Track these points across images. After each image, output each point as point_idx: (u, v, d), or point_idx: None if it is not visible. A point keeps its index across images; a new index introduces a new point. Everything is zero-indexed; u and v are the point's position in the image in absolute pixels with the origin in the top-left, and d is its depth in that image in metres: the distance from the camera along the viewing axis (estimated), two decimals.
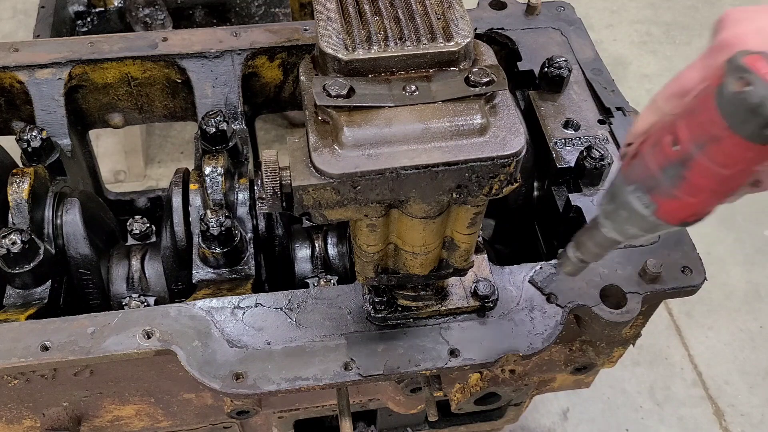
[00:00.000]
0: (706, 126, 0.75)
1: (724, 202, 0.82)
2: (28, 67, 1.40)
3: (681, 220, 0.83)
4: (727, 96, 0.72)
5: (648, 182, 0.82)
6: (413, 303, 1.10)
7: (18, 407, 1.20)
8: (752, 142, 0.73)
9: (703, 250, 1.22)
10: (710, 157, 0.76)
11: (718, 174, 0.77)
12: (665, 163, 0.79)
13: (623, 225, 0.87)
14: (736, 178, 0.78)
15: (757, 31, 0.81)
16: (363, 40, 0.85)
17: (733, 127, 0.73)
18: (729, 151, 0.74)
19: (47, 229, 1.27)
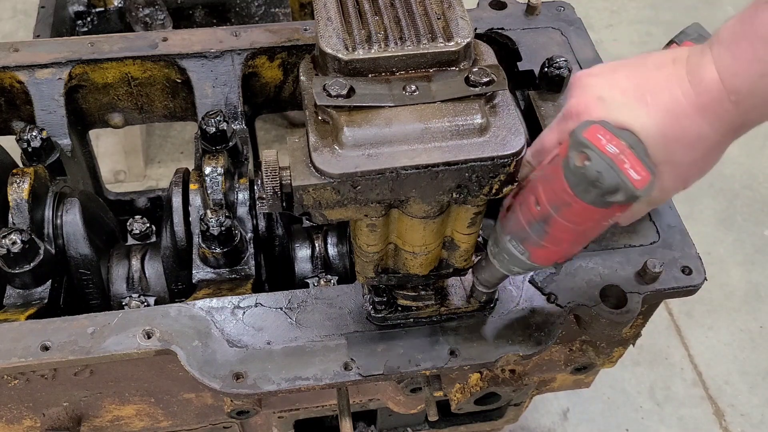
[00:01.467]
0: (558, 193, 0.85)
1: (587, 245, 0.95)
2: (28, 67, 1.40)
3: (552, 261, 0.95)
4: (571, 169, 0.82)
5: (520, 234, 0.92)
6: (413, 303, 1.10)
7: (18, 407, 1.20)
8: (596, 207, 0.83)
9: (703, 250, 1.22)
10: (564, 218, 0.86)
11: (573, 230, 0.88)
12: (531, 219, 0.90)
13: (507, 265, 0.98)
14: (589, 230, 0.89)
15: (598, 99, 0.88)
16: (363, 40, 0.85)
17: (578, 195, 0.83)
18: (578, 213, 0.85)
19: (47, 229, 1.27)
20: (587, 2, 3.52)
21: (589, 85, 0.89)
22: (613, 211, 0.84)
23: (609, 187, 0.80)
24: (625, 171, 0.81)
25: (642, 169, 0.83)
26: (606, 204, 0.82)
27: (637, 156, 0.83)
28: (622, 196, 0.81)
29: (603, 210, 0.84)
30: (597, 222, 0.87)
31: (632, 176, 0.82)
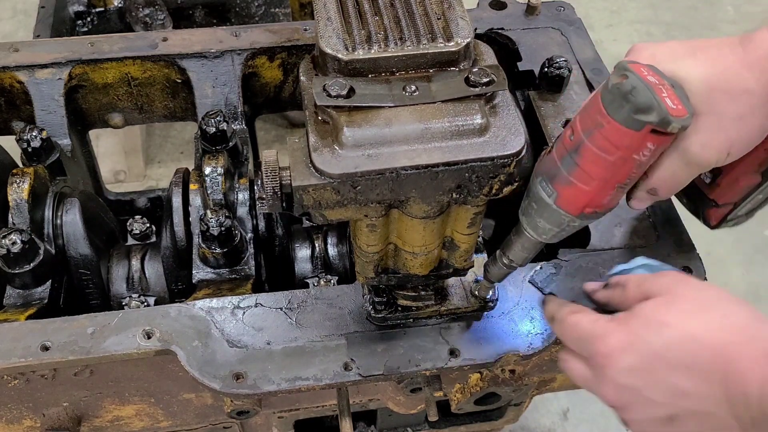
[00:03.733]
0: (593, 115, 0.84)
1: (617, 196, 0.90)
2: (28, 67, 1.40)
3: (579, 209, 0.90)
4: (608, 88, 0.82)
5: (551, 172, 0.89)
6: (413, 303, 1.10)
7: (18, 407, 1.20)
8: (626, 127, 0.81)
9: (703, 250, 1.22)
10: (595, 143, 0.84)
11: (603, 160, 0.85)
12: (563, 152, 0.88)
13: (534, 218, 0.94)
14: (619, 166, 0.85)
15: (650, 55, 0.90)
16: (363, 40, 0.85)
17: (611, 114, 0.81)
18: (609, 137, 0.83)
19: (47, 229, 1.27)
20: (587, 2, 3.52)
21: (643, 48, 0.91)
22: (645, 140, 0.82)
23: (642, 104, 0.79)
24: (662, 98, 0.80)
25: (679, 103, 0.82)
26: (638, 125, 0.80)
27: (676, 93, 0.83)
28: (656, 118, 0.79)
29: (634, 134, 0.81)
30: (626, 152, 0.83)
31: (668, 104, 0.81)
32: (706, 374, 0.79)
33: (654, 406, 0.82)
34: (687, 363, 0.79)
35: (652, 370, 0.81)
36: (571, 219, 0.92)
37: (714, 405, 0.78)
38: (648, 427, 0.84)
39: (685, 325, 0.82)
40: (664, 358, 0.81)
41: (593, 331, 0.88)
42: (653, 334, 0.82)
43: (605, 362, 0.84)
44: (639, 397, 0.82)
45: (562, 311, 0.96)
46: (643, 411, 0.83)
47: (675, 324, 0.82)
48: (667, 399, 0.81)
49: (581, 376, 0.92)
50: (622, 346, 0.83)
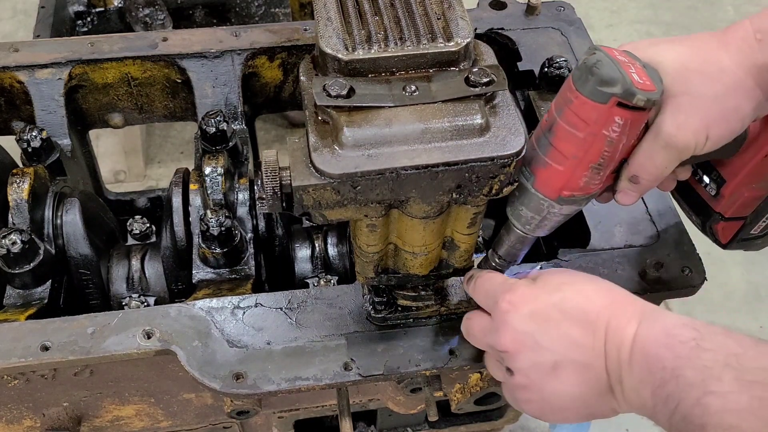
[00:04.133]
0: (564, 93, 0.87)
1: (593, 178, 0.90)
2: (28, 67, 1.40)
3: (556, 191, 0.91)
4: (577, 66, 0.85)
5: (529, 155, 0.91)
6: (413, 303, 1.10)
7: (18, 407, 1.20)
8: (592, 101, 0.83)
9: (703, 250, 1.22)
10: (566, 120, 0.86)
11: (574, 137, 0.86)
12: (539, 133, 0.90)
13: (517, 207, 0.96)
14: (590, 143, 0.86)
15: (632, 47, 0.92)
16: (363, 40, 0.85)
17: (578, 88, 0.84)
18: (577, 111, 0.85)
19: (47, 229, 1.27)
20: (587, 2, 3.52)
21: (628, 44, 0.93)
22: (612, 113, 0.83)
23: (606, 76, 0.81)
24: (629, 72, 0.82)
25: (648, 79, 0.84)
26: (603, 97, 0.82)
27: (647, 72, 0.85)
28: (620, 89, 0.81)
29: (601, 107, 0.82)
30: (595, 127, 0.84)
31: (634, 78, 0.82)
32: (592, 327, 0.87)
33: (543, 352, 0.88)
34: (578, 316, 0.88)
35: (548, 318, 0.89)
36: (550, 204, 0.93)
37: (594, 357, 0.86)
38: (532, 375, 0.90)
39: (580, 285, 0.92)
40: (561, 309, 0.89)
41: (504, 285, 0.96)
42: (554, 290, 0.91)
43: (510, 308, 0.91)
44: (532, 342, 0.89)
45: (479, 272, 1.04)
46: (532, 356, 0.89)
47: (571, 284, 0.92)
48: (556, 346, 0.88)
49: (480, 328, 0.99)
50: (527, 296, 0.91)
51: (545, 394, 0.91)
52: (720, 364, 0.75)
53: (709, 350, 0.77)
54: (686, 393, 0.76)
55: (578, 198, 0.92)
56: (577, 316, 0.88)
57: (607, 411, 0.90)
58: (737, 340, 0.78)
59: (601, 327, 0.87)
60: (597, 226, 1.24)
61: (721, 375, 0.74)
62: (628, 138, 0.87)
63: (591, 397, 0.88)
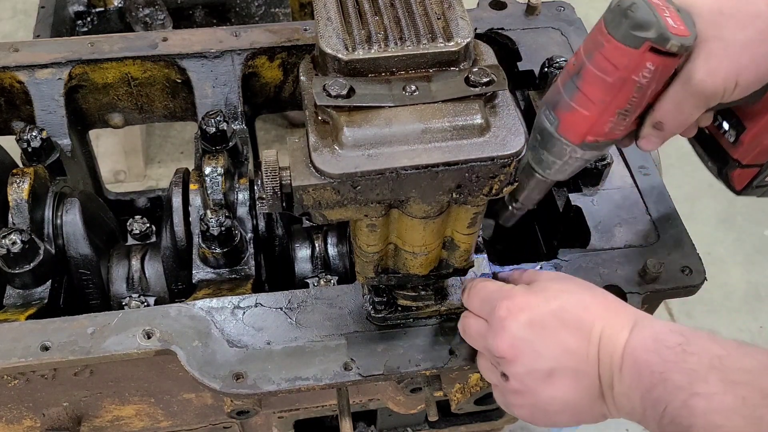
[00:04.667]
0: (595, 36, 0.85)
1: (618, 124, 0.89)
2: (28, 67, 1.40)
3: (580, 136, 0.90)
4: (610, 8, 0.83)
5: (554, 99, 0.91)
6: (413, 303, 1.10)
7: (18, 407, 1.20)
8: (625, 45, 0.81)
9: (703, 250, 1.22)
10: (595, 64, 0.85)
11: (603, 81, 0.85)
12: (566, 78, 0.89)
13: (539, 151, 0.95)
14: (619, 88, 0.85)
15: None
16: (363, 40, 0.85)
17: (610, 32, 0.82)
18: (608, 56, 0.83)
19: (47, 229, 1.27)
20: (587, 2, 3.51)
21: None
22: (644, 59, 0.81)
23: (640, 19, 0.79)
24: (663, 17, 0.80)
25: (682, 24, 0.81)
26: (636, 41, 0.80)
27: (681, 16, 0.83)
28: (654, 34, 0.79)
29: (633, 52, 0.81)
30: (625, 72, 0.83)
31: (669, 22, 0.80)
32: (587, 335, 0.88)
33: (540, 359, 0.89)
34: (575, 324, 0.89)
35: (546, 326, 0.90)
36: (573, 149, 0.92)
37: (588, 364, 0.88)
38: (527, 381, 0.91)
39: (578, 294, 0.93)
40: (558, 317, 0.90)
41: (500, 292, 0.97)
42: (551, 297, 0.92)
43: (507, 315, 0.92)
44: (529, 348, 0.90)
45: (474, 281, 1.05)
46: (529, 362, 0.90)
47: (569, 292, 0.93)
48: (552, 354, 0.89)
49: (476, 330, 0.99)
50: (525, 303, 0.92)
51: (539, 400, 0.92)
52: (705, 366, 0.77)
53: (695, 354, 0.79)
54: (673, 396, 0.77)
55: (602, 143, 0.91)
56: (574, 324, 0.90)
57: (598, 416, 0.92)
58: (721, 343, 0.80)
59: (595, 335, 0.89)
60: (597, 226, 1.24)
61: (707, 377, 0.76)
62: (657, 84, 0.86)
63: (583, 403, 0.90)
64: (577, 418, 0.93)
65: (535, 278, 1.01)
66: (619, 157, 1.34)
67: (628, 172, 1.33)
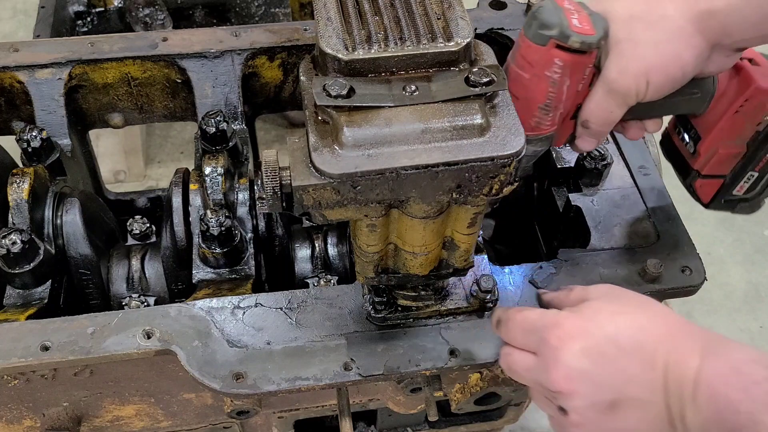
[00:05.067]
0: (517, 40, 0.94)
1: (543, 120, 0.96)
2: (28, 67, 1.40)
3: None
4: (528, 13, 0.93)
5: None
6: (413, 303, 1.10)
7: (18, 407, 1.20)
8: (535, 43, 0.90)
9: (703, 250, 1.22)
10: (515, 63, 0.94)
11: (521, 78, 0.93)
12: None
13: None
14: (535, 84, 0.93)
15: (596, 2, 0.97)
16: (363, 40, 0.85)
17: (525, 33, 0.92)
18: (523, 54, 0.92)
19: (47, 229, 1.27)
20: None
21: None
22: (552, 55, 0.89)
23: (545, 20, 0.89)
24: (569, 17, 0.89)
25: (588, 24, 0.90)
26: (543, 39, 0.89)
27: (590, 18, 0.91)
28: (557, 32, 0.88)
29: (541, 49, 0.90)
30: (539, 68, 0.91)
31: (573, 22, 0.89)
32: (651, 361, 0.82)
33: (601, 390, 0.83)
34: (635, 349, 0.83)
35: (603, 353, 0.83)
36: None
37: (654, 393, 0.81)
38: (589, 414, 0.84)
39: (634, 315, 0.86)
40: (616, 342, 0.83)
41: (544, 320, 0.90)
42: (606, 321, 0.85)
43: (559, 345, 0.85)
44: (588, 380, 0.83)
45: (508, 312, 0.98)
46: (589, 395, 0.83)
47: (623, 313, 0.86)
48: (613, 383, 0.82)
49: (525, 366, 0.92)
50: (577, 331, 0.85)
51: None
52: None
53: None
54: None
55: (532, 138, 0.97)
56: (633, 349, 0.83)
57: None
58: None
59: (659, 360, 0.82)
60: (597, 226, 1.24)
61: None
62: (571, 80, 0.93)
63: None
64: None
65: (585, 296, 0.94)
66: (619, 157, 1.34)
67: (628, 172, 1.33)
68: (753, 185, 1.15)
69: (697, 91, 1.04)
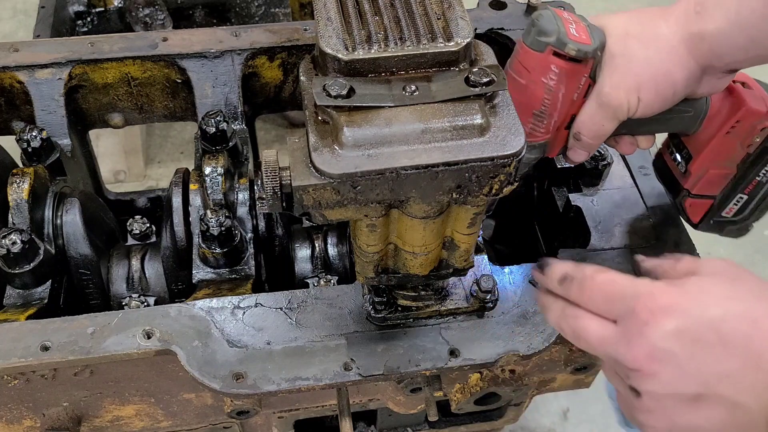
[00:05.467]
0: (515, 47, 0.97)
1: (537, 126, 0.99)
2: (28, 67, 1.40)
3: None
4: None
5: None
6: (413, 303, 1.10)
7: (18, 407, 1.20)
8: (532, 50, 0.93)
9: (703, 250, 1.22)
10: (513, 69, 0.97)
11: (518, 83, 0.96)
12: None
13: None
14: (532, 90, 0.95)
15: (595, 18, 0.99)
16: (363, 40, 0.85)
17: (524, 40, 0.95)
18: (521, 60, 0.95)
19: (47, 229, 1.27)
20: (587, 2, 3.51)
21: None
22: (548, 61, 0.92)
23: (544, 27, 0.91)
24: (567, 26, 0.92)
25: (585, 34, 0.93)
26: (540, 46, 0.92)
27: (588, 30, 0.93)
28: (554, 39, 0.91)
29: (538, 55, 0.93)
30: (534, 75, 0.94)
31: (570, 31, 0.92)
32: (755, 361, 0.71)
33: (687, 379, 0.72)
34: (741, 343, 0.71)
35: (699, 339, 0.72)
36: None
37: (751, 397, 0.71)
38: (666, 402, 0.74)
39: (748, 304, 0.74)
40: (718, 330, 0.72)
41: (636, 288, 0.78)
42: (712, 303, 0.74)
43: (649, 319, 0.73)
44: (674, 365, 0.72)
45: (584, 270, 0.85)
46: (670, 382, 0.73)
47: (737, 299, 0.75)
48: (703, 375, 0.72)
49: (599, 336, 0.80)
50: (674, 307, 0.74)
51: (675, 426, 0.75)
52: None
53: None
54: None
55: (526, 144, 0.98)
56: (739, 343, 0.72)
57: None
58: None
59: (764, 365, 0.71)
60: (597, 226, 1.24)
61: None
62: (567, 88, 0.95)
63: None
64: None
65: (694, 270, 0.81)
66: (619, 157, 1.34)
67: (628, 172, 1.33)
68: (742, 208, 1.18)
69: (689, 110, 1.05)
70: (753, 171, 1.11)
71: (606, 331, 0.79)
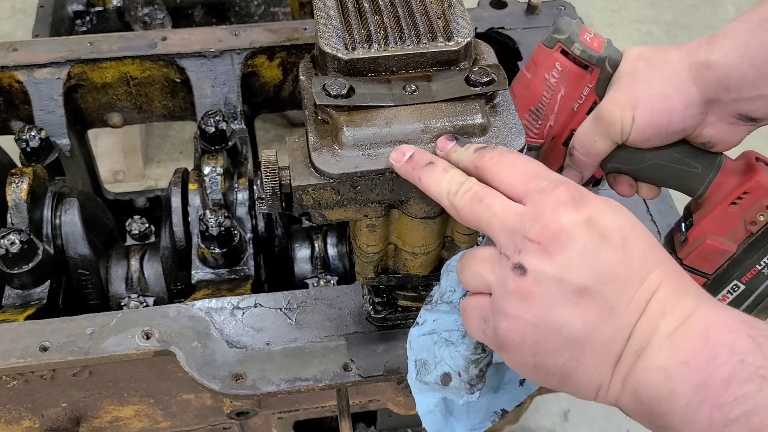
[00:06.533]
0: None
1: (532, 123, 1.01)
2: (26, 66, 1.40)
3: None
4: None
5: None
6: (413, 303, 1.10)
7: (17, 408, 1.19)
8: (545, 45, 0.98)
9: None
10: (525, 65, 1.01)
11: (524, 77, 1.00)
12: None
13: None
14: (534, 85, 0.99)
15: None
16: (363, 39, 0.85)
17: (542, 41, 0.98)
18: (534, 56, 0.99)
19: (46, 229, 1.27)
20: (588, 2, 3.52)
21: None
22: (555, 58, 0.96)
23: (560, 26, 0.96)
24: (583, 32, 0.96)
25: (600, 45, 0.96)
26: (552, 42, 0.97)
27: (605, 42, 0.97)
28: (565, 37, 0.95)
29: (547, 50, 0.97)
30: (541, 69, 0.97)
31: (584, 36, 0.96)
32: (644, 274, 0.70)
33: (580, 268, 0.69)
34: (640, 255, 0.71)
35: (606, 236, 0.70)
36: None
37: (628, 309, 0.69)
38: (549, 288, 0.69)
39: (650, 235, 0.74)
40: (624, 237, 0.70)
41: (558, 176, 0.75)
42: (623, 214, 0.73)
43: (567, 201, 0.70)
44: (574, 251, 0.69)
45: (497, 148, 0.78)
46: (565, 266, 0.69)
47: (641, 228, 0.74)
48: (598, 270, 0.69)
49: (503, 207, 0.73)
50: (593, 202, 0.72)
51: (545, 319, 0.70)
52: None
53: None
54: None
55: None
56: (639, 253, 0.70)
57: (590, 385, 0.71)
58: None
59: (654, 280, 0.70)
60: None
61: None
62: (566, 91, 0.97)
63: (592, 354, 0.69)
64: (561, 375, 0.71)
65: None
66: None
67: None
68: (738, 300, 1.03)
69: (698, 166, 0.98)
70: (753, 256, 0.99)
71: (511, 204, 0.73)
